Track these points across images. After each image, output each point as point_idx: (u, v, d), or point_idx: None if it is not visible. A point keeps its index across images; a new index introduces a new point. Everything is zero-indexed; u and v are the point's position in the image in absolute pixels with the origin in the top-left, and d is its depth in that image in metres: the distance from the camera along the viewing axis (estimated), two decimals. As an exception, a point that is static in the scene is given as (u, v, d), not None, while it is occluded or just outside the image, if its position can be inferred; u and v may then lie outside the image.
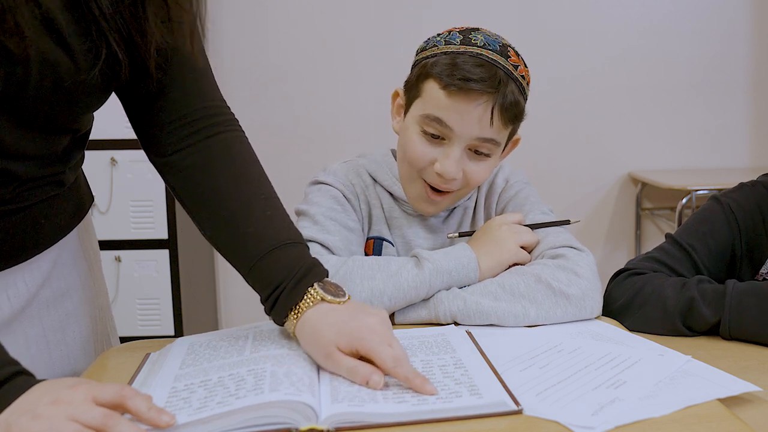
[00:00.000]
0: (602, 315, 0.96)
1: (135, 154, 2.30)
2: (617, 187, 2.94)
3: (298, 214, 1.04)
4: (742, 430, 0.61)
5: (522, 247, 1.00)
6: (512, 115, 0.97)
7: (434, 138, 0.99)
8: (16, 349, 0.68)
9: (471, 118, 0.95)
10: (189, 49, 0.77)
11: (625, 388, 0.69)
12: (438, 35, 1.02)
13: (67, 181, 0.85)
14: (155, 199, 2.34)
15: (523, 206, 1.07)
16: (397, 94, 1.08)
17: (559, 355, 0.78)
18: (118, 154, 2.30)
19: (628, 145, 2.90)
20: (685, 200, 2.52)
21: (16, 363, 0.63)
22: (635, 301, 0.98)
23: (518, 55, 0.99)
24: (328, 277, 0.80)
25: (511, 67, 0.97)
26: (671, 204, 2.85)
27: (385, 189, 1.09)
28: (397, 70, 1.10)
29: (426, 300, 0.94)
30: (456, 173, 0.98)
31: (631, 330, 0.92)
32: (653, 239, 2.96)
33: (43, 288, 0.85)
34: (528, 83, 1.01)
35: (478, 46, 0.97)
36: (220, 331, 0.86)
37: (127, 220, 2.34)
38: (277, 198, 0.83)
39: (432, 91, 0.97)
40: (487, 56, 0.96)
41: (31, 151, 0.75)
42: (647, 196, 2.94)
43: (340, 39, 2.78)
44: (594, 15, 2.82)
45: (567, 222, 1.05)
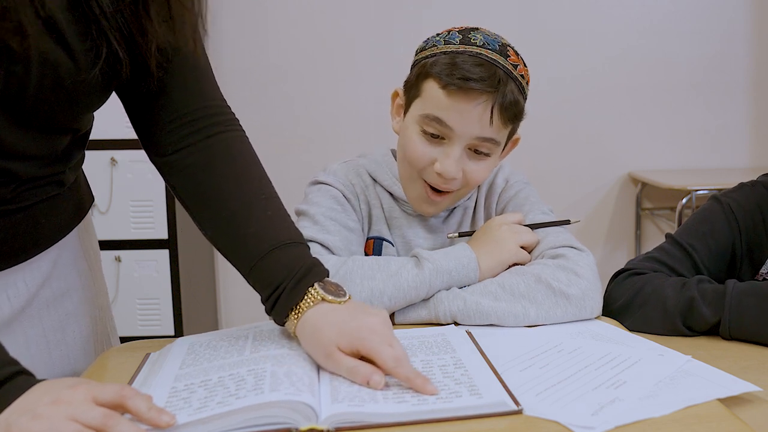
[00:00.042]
0: (602, 315, 0.96)
1: (135, 154, 2.29)
2: (617, 187, 2.94)
3: (298, 214, 1.04)
4: (742, 430, 0.61)
5: (522, 247, 1.00)
6: (512, 114, 0.97)
7: (434, 138, 0.99)
8: (16, 349, 0.68)
9: (471, 117, 0.95)
10: (191, 48, 0.76)
11: (625, 388, 0.69)
12: (437, 35, 1.02)
13: (67, 181, 0.85)
14: (155, 199, 2.33)
15: (523, 206, 1.07)
16: (396, 94, 1.07)
17: (559, 355, 0.78)
18: (118, 154, 2.30)
19: (628, 145, 2.90)
20: (685, 200, 2.52)
21: (16, 363, 0.63)
22: (635, 301, 0.98)
23: (518, 55, 0.99)
24: (328, 277, 0.80)
25: (510, 67, 0.97)
26: (671, 204, 2.85)
27: (385, 189, 1.09)
28: (397, 70, 1.10)
29: (426, 300, 0.94)
30: (456, 173, 0.98)
31: (631, 330, 0.92)
32: (653, 239, 2.96)
33: (43, 288, 0.85)
34: (527, 83, 1.01)
35: (477, 46, 0.97)
36: (220, 331, 0.86)
37: (127, 220, 2.34)
38: (278, 198, 0.83)
39: (431, 90, 0.97)
40: (487, 56, 0.96)
41: (32, 151, 0.75)
42: (647, 196, 2.94)
43: (340, 39, 2.78)
44: (594, 15, 2.82)
45: (567, 222, 1.05)
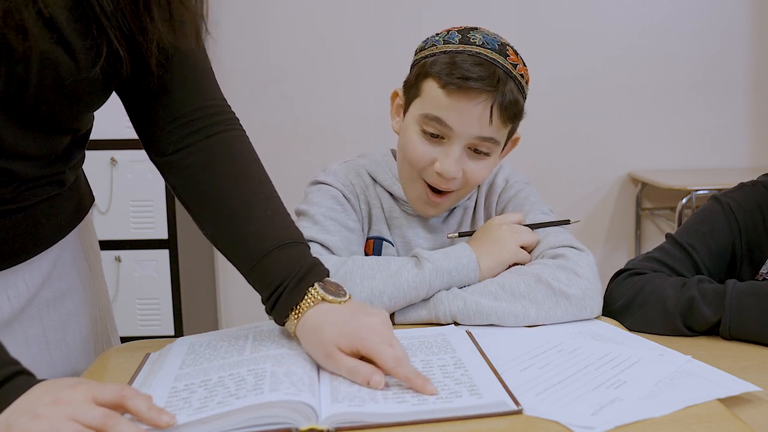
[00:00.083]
0: (602, 315, 0.96)
1: (135, 154, 2.29)
2: (617, 187, 2.94)
3: (298, 214, 1.04)
4: (742, 430, 0.61)
5: (522, 247, 1.00)
6: (511, 113, 0.97)
7: (434, 137, 0.99)
8: (16, 349, 0.68)
9: (470, 116, 0.95)
10: (191, 47, 0.76)
11: (625, 388, 0.69)
12: (436, 35, 1.02)
13: (67, 181, 0.85)
14: (155, 199, 2.33)
15: (523, 206, 1.07)
16: (396, 95, 1.07)
17: (559, 355, 0.78)
18: (118, 154, 2.30)
19: (628, 145, 2.90)
20: (685, 200, 2.52)
21: (16, 363, 0.63)
22: (635, 301, 0.98)
23: (517, 54, 0.99)
24: (328, 277, 0.80)
25: (510, 66, 0.97)
26: (671, 204, 2.85)
27: (385, 189, 1.09)
28: (397, 70, 1.10)
29: (426, 300, 0.94)
30: (456, 172, 0.98)
31: (631, 330, 0.92)
32: (653, 239, 2.96)
33: (43, 288, 0.85)
34: (527, 82, 1.01)
35: (476, 45, 0.97)
36: (220, 331, 0.86)
37: (127, 220, 2.34)
38: (278, 197, 0.83)
39: (431, 90, 0.97)
40: (486, 55, 0.96)
41: (32, 151, 0.75)
42: (647, 196, 2.94)
43: (340, 39, 2.78)
44: (594, 15, 2.82)
45: (567, 222, 1.05)
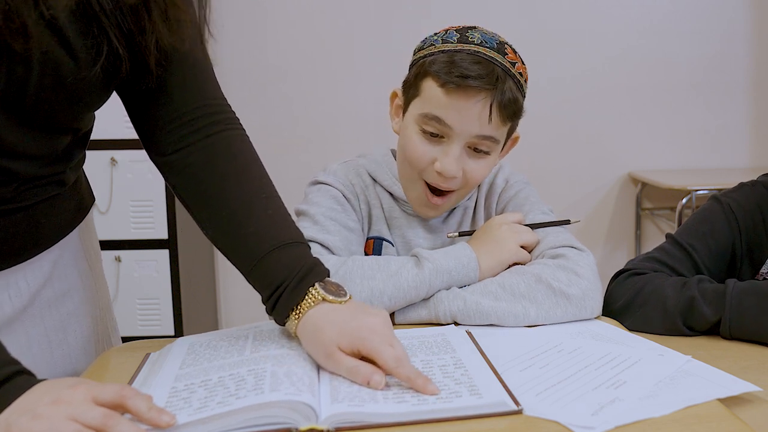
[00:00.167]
0: (603, 315, 0.96)
1: (135, 154, 2.29)
2: (617, 187, 2.94)
3: (298, 214, 1.04)
4: (742, 430, 0.61)
5: (522, 247, 1.00)
6: (511, 112, 0.97)
7: (433, 137, 0.99)
8: (17, 349, 0.68)
9: (470, 115, 0.95)
10: (188, 48, 0.76)
11: (625, 388, 0.69)
12: (435, 34, 1.02)
13: (68, 180, 0.85)
14: (155, 199, 2.33)
15: (523, 206, 1.07)
16: (395, 95, 1.07)
17: (559, 355, 0.78)
18: (118, 154, 2.30)
19: (628, 145, 2.90)
20: (685, 200, 2.52)
21: (16, 362, 0.63)
22: (636, 301, 0.97)
23: (515, 53, 0.99)
24: (329, 277, 0.80)
25: (508, 65, 0.97)
26: (671, 204, 2.85)
27: (384, 189, 1.09)
28: (397, 70, 1.09)
29: (426, 300, 0.94)
30: (456, 171, 0.98)
31: (631, 330, 0.92)
32: (653, 239, 2.96)
33: (44, 288, 0.85)
34: (526, 80, 1.01)
35: (475, 44, 0.97)
36: (220, 331, 0.86)
37: (127, 220, 2.34)
38: (279, 197, 0.83)
39: (430, 89, 0.97)
40: (485, 54, 0.96)
41: (33, 151, 0.75)
42: (647, 196, 2.94)
43: (340, 39, 2.78)
44: (594, 15, 2.82)
45: (567, 222, 1.05)
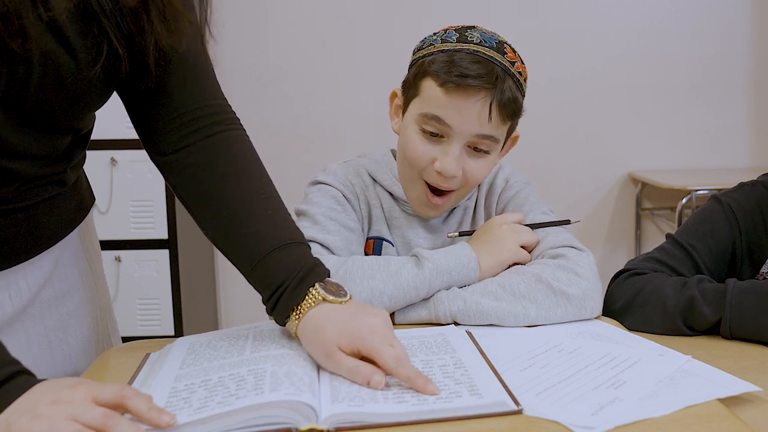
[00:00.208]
0: (603, 315, 0.96)
1: (135, 154, 2.29)
2: (617, 187, 2.94)
3: (298, 214, 1.04)
4: (742, 430, 0.61)
5: (522, 247, 1.00)
6: (510, 111, 0.97)
7: (433, 136, 0.99)
8: (18, 349, 0.68)
9: (469, 114, 0.95)
10: (186, 48, 0.76)
11: (625, 388, 0.69)
12: (434, 34, 1.02)
13: (68, 180, 0.85)
14: (155, 199, 2.33)
15: (523, 206, 1.07)
16: (395, 95, 1.07)
17: (559, 355, 0.78)
18: (118, 154, 2.30)
19: (628, 145, 2.90)
20: (685, 200, 2.52)
21: (16, 362, 0.63)
22: (636, 301, 0.97)
23: (515, 52, 0.99)
24: (329, 277, 0.80)
25: (508, 64, 0.97)
26: (671, 204, 2.85)
27: (384, 189, 1.09)
28: (398, 70, 1.09)
29: (426, 300, 0.94)
30: (456, 171, 0.98)
31: (631, 330, 0.92)
32: (653, 239, 2.96)
33: (44, 288, 0.85)
34: (525, 79, 1.01)
35: (474, 44, 0.97)
36: (221, 331, 0.86)
37: (127, 220, 2.34)
38: (279, 197, 0.83)
39: (430, 89, 0.97)
40: (484, 53, 0.96)
41: (33, 151, 0.75)
42: (647, 196, 2.94)
43: (340, 39, 2.78)
44: (594, 15, 2.82)
45: (567, 222, 1.05)
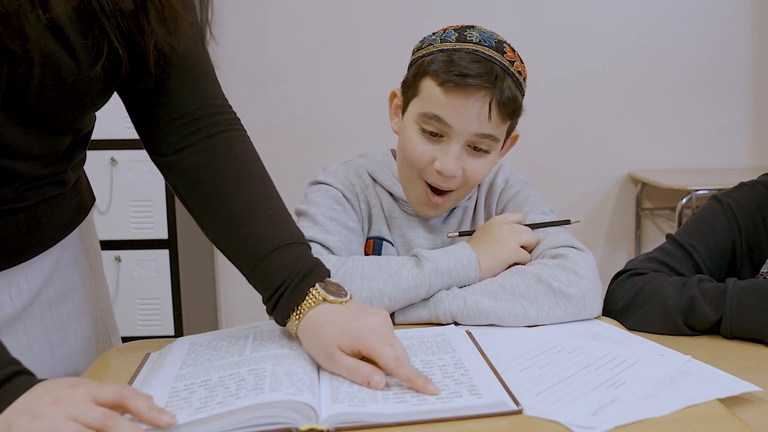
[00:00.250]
0: (603, 316, 0.96)
1: (135, 154, 2.29)
2: (617, 187, 2.94)
3: (298, 214, 1.04)
4: (742, 430, 0.61)
5: (522, 247, 1.00)
6: (510, 110, 0.98)
7: (433, 136, 0.99)
8: (18, 349, 0.68)
9: (469, 113, 0.95)
10: (184, 48, 0.76)
11: (625, 388, 0.69)
12: (433, 34, 1.02)
13: (69, 180, 0.85)
14: (155, 199, 2.33)
15: (523, 206, 1.07)
16: (394, 95, 1.07)
17: (559, 355, 0.78)
18: (118, 154, 2.30)
19: (628, 145, 2.90)
20: (685, 200, 2.52)
21: (16, 362, 0.63)
22: (636, 301, 0.97)
23: (514, 51, 1.00)
24: (329, 277, 0.80)
25: (507, 63, 0.97)
26: (671, 204, 2.85)
27: (385, 189, 1.09)
28: (398, 70, 1.09)
29: (426, 300, 0.94)
30: (456, 170, 0.98)
31: (632, 330, 0.92)
32: (653, 239, 2.96)
33: (45, 287, 0.85)
34: (525, 79, 1.01)
35: (473, 43, 0.97)
36: (221, 331, 0.86)
37: (127, 220, 2.34)
38: (279, 197, 0.83)
39: (429, 89, 0.97)
40: (483, 52, 0.96)
41: (34, 151, 0.75)
42: (647, 196, 2.94)
43: (340, 39, 2.78)
44: (594, 15, 2.82)
45: (567, 222, 1.05)
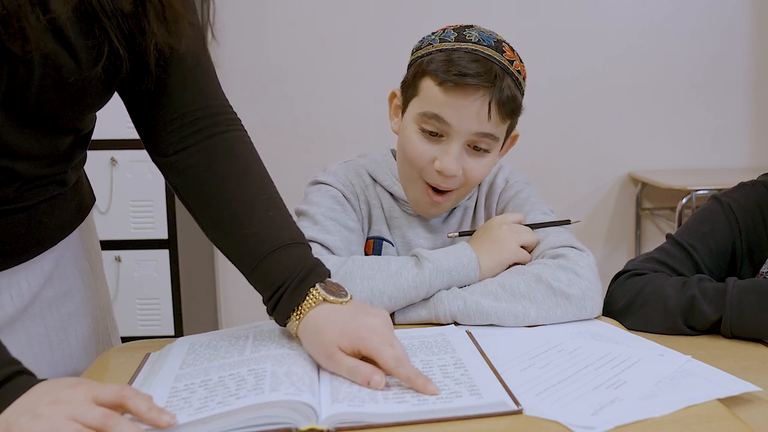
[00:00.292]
0: (604, 316, 0.96)
1: (135, 154, 2.29)
2: (617, 187, 2.94)
3: (298, 214, 1.04)
4: (742, 430, 0.61)
5: (522, 247, 1.00)
6: (509, 109, 0.98)
7: (433, 135, 0.99)
8: (18, 349, 0.68)
9: (468, 113, 0.95)
10: (184, 49, 0.76)
11: (625, 388, 0.69)
12: (432, 34, 1.02)
13: (69, 180, 0.85)
14: (155, 199, 2.34)
15: (524, 206, 1.07)
16: (394, 95, 1.07)
17: (559, 355, 0.78)
18: (118, 154, 2.30)
19: (628, 145, 2.90)
20: (685, 200, 2.52)
21: (17, 362, 0.63)
22: (636, 302, 0.97)
23: (513, 51, 1.00)
24: (329, 278, 0.80)
25: (506, 62, 0.97)
26: (671, 204, 2.85)
27: (385, 189, 1.09)
28: (398, 70, 1.10)
29: (426, 300, 0.94)
30: (456, 170, 0.98)
31: (632, 330, 0.92)
32: (653, 239, 2.96)
33: (45, 287, 0.85)
34: (524, 78, 1.01)
35: (472, 42, 0.97)
36: (221, 331, 0.86)
37: (127, 220, 2.34)
38: (280, 198, 0.83)
39: (428, 89, 0.97)
40: (482, 52, 0.96)
41: (34, 151, 0.75)
42: (647, 196, 2.94)
43: (340, 39, 2.78)
44: (594, 15, 2.82)
45: (567, 222, 1.05)
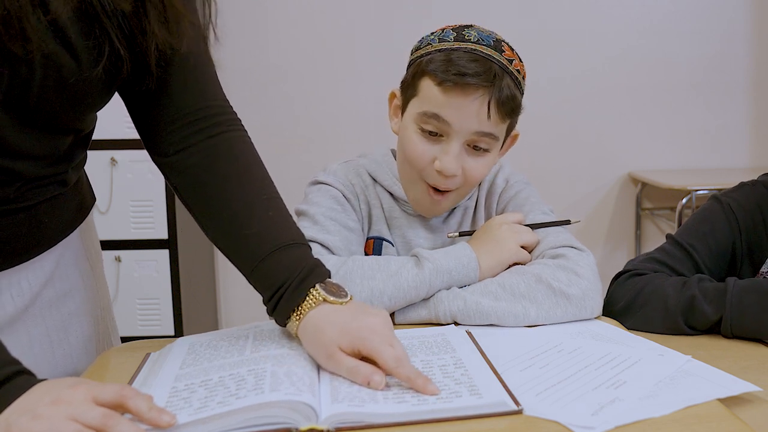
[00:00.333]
0: (604, 316, 0.96)
1: (135, 154, 2.29)
2: (617, 187, 2.94)
3: (298, 214, 1.04)
4: (742, 430, 0.61)
5: (522, 247, 1.00)
6: (509, 108, 0.98)
7: (432, 135, 0.99)
8: (19, 348, 0.68)
9: (468, 112, 0.95)
10: (185, 49, 0.77)
11: (625, 388, 0.69)
12: (431, 34, 1.02)
13: (69, 180, 0.85)
14: (155, 199, 2.33)
15: (524, 206, 1.07)
16: (393, 95, 1.08)
17: (559, 355, 0.78)
18: (118, 154, 2.30)
19: (628, 145, 2.90)
20: (685, 200, 2.52)
21: (17, 362, 0.63)
22: (636, 302, 0.97)
23: (512, 50, 1.00)
24: (329, 278, 0.80)
25: (505, 62, 0.97)
26: (671, 204, 2.85)
27: (385, 189, 1.09)
28: (398, 70, 1.10)
29: (426, 300, 0.94)
30: (456, 169, 0.98)
31: (632, 330, 0.92)
32: (653, 239, 2.96)
33: (46, 287, 0.85)
34: (524, 77, 1.01)
35: (472, 42, 0.97)
36: (221, 331, 0.86)
37: (127, 220, 2.34)
38: (280, 198, 0.83)
39: (428, 89, 0.97)
40: (482, 51, 0.96)
41: (35, 151, 0.75)
42: (647, 196, 2.94)
43: (340, 39, 2.78)
44: (594, 15, 2.82)
45: (567, 222, 1.05)
